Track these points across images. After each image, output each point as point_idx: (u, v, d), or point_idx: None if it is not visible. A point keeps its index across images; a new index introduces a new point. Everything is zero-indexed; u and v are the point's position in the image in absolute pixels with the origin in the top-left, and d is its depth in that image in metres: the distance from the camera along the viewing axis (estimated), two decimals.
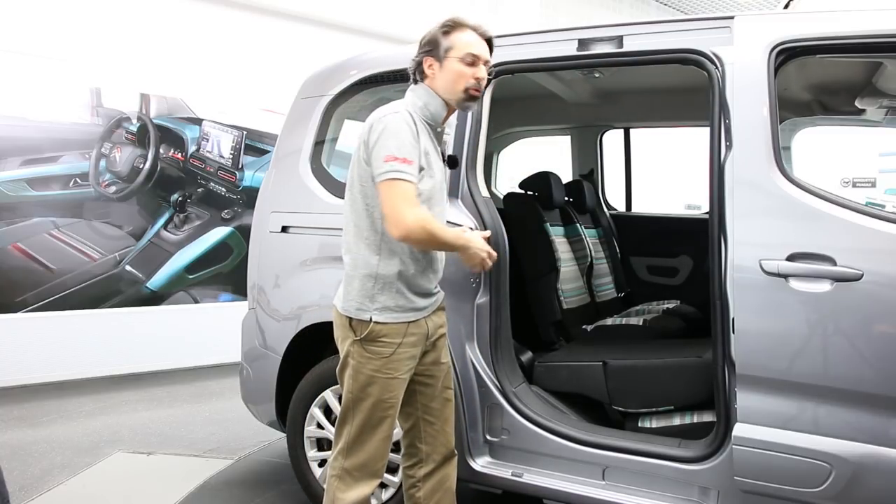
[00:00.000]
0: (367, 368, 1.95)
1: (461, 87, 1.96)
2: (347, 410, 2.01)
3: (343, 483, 2.00)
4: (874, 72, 2.61)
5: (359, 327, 1.95)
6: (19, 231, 4.80)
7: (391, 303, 1.95)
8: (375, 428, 1.98)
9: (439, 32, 1.98)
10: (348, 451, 2.00)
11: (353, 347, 1.97)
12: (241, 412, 3.33)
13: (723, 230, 2.03)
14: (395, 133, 1.87)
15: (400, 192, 1.84)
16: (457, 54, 1.96)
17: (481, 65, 1.98)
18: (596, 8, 9.31)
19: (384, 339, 1.94)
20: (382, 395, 1.96)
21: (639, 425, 2.48)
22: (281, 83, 4.28)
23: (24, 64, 4.81)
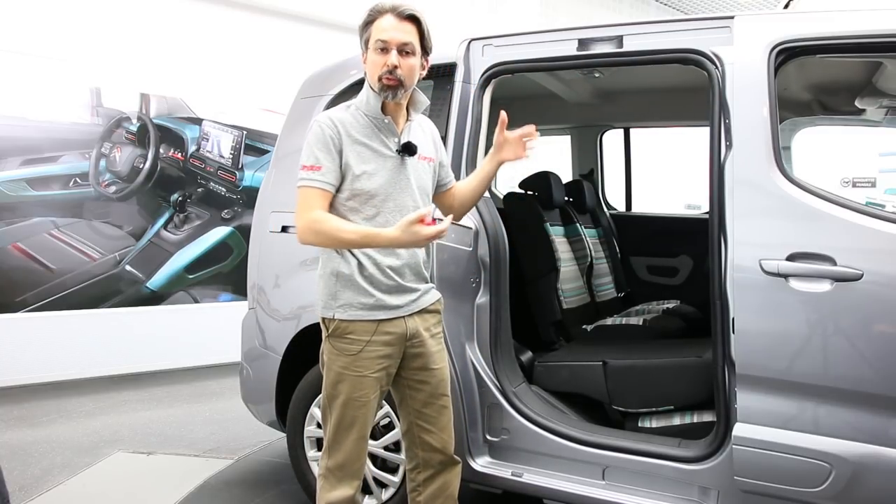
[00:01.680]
0: (336, 365, 1.95)
1: (376, 77, 1.89)
2: (324, 410, 2.02)
3: (327, 483, 2.00)
4: (874, 72, 2.61)
5: (329, 324, 1.97)
6: (19, 231, 4.80)
7: (354, 300, 1.93)
8: (349, 428, 1.96)
9: (361, 25, 1.93)
10: (329, 450, 2.00)
11: (325, 344, 1.99)
12: (241, 412, 3.33)
13: (723, 230, 2.03)
14: (308, 142, 1.90)
15: (301, 199, 1.88)
16: (372, 44, 1.90)
17: (394, 49, 1.86)
18: (596, 8, 9.31)
19: (350, 336, 1.93)
20: (352, 394, 1.94)
21: (639, 425, 2.48)
22: (281, 83, 4.28)
23: (24, 64, 4.81)
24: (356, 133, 1.92)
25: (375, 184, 1.91)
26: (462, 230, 2.39)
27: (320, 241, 1.89)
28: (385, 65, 1.87)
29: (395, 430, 2.49)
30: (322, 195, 1.88)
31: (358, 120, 1.94)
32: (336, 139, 1.89)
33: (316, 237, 1.87)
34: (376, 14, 1.90)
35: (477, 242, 2.38)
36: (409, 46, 1.88)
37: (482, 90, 2.49)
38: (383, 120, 1.95)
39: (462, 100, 2.49)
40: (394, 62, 1.86)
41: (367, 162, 1.91)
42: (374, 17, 1.91)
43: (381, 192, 1.92)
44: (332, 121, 1.92)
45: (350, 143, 1.90)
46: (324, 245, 1.93)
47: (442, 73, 2.55)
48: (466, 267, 2.39)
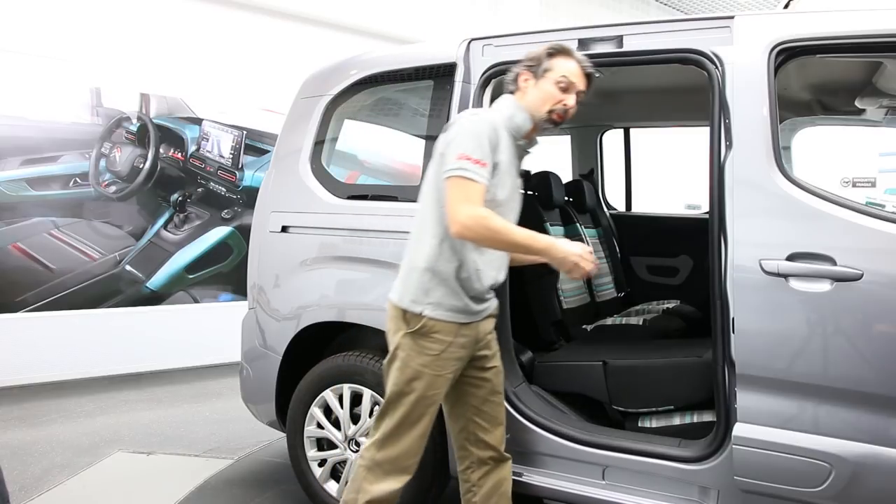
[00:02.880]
0: (416, 363, 1.97)
1: (546, 108, 1.99)
2: (390, 403, 2.01)
3: (372, 474, 2.01)
4: (874, 72, 2.61)
5: (412, 320, 1.97)
6: (19, 231, 4.80)
7: (445, 301, 1.97)
8: (414, 424, 1.99)
9: (544, 53, 2.02)
10: (382, 443, 2.01)
11: (404, 340, 1.98)
12: (241, 412, 3.33)
13: (723, 230, 2.03)
14: (475, 133, 1.90)
15: (463, 189, 1.85)
16: (553, 76, 1.99)
17: (573, 94, 2.01)
18: (596, 8, 9.31)
19: (435, 336, 1.96)
20: (427, 392, 1.98)
21: (639, 425, 2.48)
22: (281, 83, 4.28)
23: (24, 64, 4.81)
24: (504, 144, 1.98)
25: (502, 195, 1.99)
26: None
27: (484, 238, 1.87)
28: (563, 103, 1.99)
29: None
30: (482, 192, 1.88)
31: (504, 132, 2.00)
32: (495, 143, 1.94)
33: (486, 232, 1.85)
34: (564, 53, 2.02)
35: None
36: (581, 95, 2.04)
37: (482, 90, 2.49)
38: (519, 141, 2.05)
39: (462, 100, 2.49)
40: (571, 104, 2.00)
41: (504, 173, 1.98)
42: (560, 54, 2.02)
43: (502, 203, 1.99)
44: (495, 126, 1.96)
45: (501, 151, 1.97)
46: (483, 241, 1.91)
47: (442, 72, 2.56)
48: None
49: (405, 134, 3.15)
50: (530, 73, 2.03)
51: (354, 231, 2.63)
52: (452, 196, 1.86)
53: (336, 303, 2.69)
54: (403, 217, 2.52)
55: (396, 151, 3.18)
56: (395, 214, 2.55)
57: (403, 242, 2.48)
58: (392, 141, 3.20)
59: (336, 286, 2.70)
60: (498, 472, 2.17)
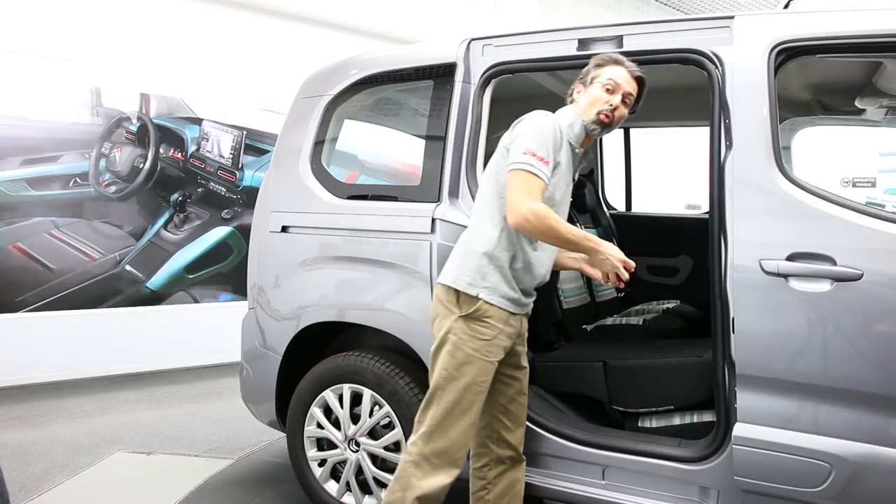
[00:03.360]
0: (468, 346, 1.99)
1: (595, 110, 2.07)
2: (437, 390, 2.01)
3: (420, 470, 1.99)
4: (874, 72, 2.61)
5: (466, 303, 2.00)
6: (19, 231, 4.80)
7: (500, 286, 2.02)
8: (465, 412, 1.99)
9: (593, 65, 2.13)
10: (430, 435, 2.00)
11: (456, 324, 2.00)
12: (241, 412, 3.33)
13: (723, 230, 2.03)
14: (542, 132, 1.99)
15: (526, 183, 1.93)
16: (600, 80, 2.09)
17: (620, 94, 2.07)
18: (596, 8, 9.31)
19: (488, 321, 2.00)
20: (477, 377, 2.00)
21: (639, 425, 2.48)
22: (281, 83, 4.28)
23: (24, 64, 4.81)
24: (565, 148, 2.08)
25: (558, 195, 2.09)
26: (461, 230, 2.39)
27: (542, 231, 1.94)
28: (608, 102, 2.07)
29: (395, 429, 2.49)
30: (543, 189, 1.97)
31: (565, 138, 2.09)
32: (559, 145, 2.04)
33: (542, 226, 1.92)
34: (611, 62, 2.11)
35: None
36: (629, 98, 2.11)
37: (482, 90, 2.49)
38: (576, 149, 2.14)
39: (462, 100, 2.49)
40: (616, 103, 2.07)
41: (562, 175, 2.08)
42: (608, 63, 2.11)
43: (557, 203, 2.09)
44: (560, 129, 2.06)
45: (562, 154, 2.07)
46: (539, 236, 1.98)
47: (442, 73, 2.56)
48: None
49: (405, 134, 3.15)
50: (581, 84, 2.15)
51: (354, 231, 2.63)
52: (515, 188, 1.94)
53: (336, 303, 2.69)
54: (403, 217, 2.52)
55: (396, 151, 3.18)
56: (395, 214, 2.55)
57: (403, 242, 2.50)
58: (392, 141, 3.19)
59: (336, 286, 2.70)
60: (514, 471, 2.20)
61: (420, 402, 2.45)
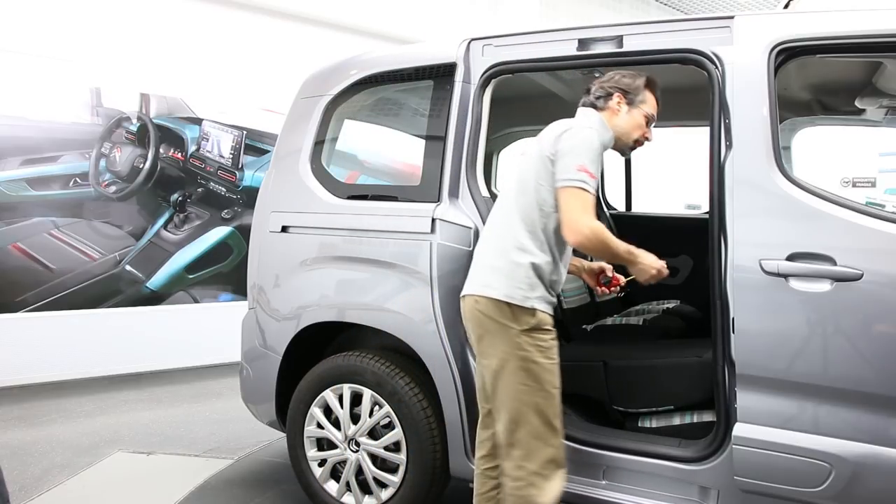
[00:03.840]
0: (538, 357, 2.00)
1: (634, 137, 2.18)
2: (521, 407, 1.99)
3: (537, 488, 1.98)
4: (874, 72, 2.61)
5: (523, 317, 1.99)
6: (19, 231, 4.80)
7: (545, 295, 2.06)
8: (554, 417, 2.02)
9: (643, 82, 2.18)
10: (532, 453, 1.99)
11: (519, 339, 1.99)
12: (241, 412, 3.33)
13: (723, 230, 2.03)
14: (591, 148, 2.02)
15: (583, 201, 1.97)
16: (646, 109, 2.18)
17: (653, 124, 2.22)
18: (596, 8, 9.31)
19: (547, 328, 2.04)
20: (555, 382, 2.03)
21: (639, 425, 2.48)
22: (281, 83, 4.28)
23: (24, 64, 4.81)
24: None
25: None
26: (461, 230, 2.39)
27: (598, 248, 2.02)
28: (646, 135, 2.21)
29: (395, 429, 2.49)
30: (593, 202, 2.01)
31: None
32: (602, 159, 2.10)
33: (600, 244, 2.00)
34: (654, 86, 2.21)
35: (477, 242, 2.37)
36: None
37: (482, 90, 2.49)
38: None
39: (462, 100, 2.49)
40: (651, 137, 2.23)
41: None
42: (654, 88, 2.21)
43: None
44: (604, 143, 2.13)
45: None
46: (594, 252, 2.07)
47: (442, 73, 2.56)
48: (466, 266, 2.38)
49: (405, 134, 3.15)
50: (625, 99, 2.16)
51: (354, 231, 2.63)
52: (573, 206, 1.97)
53: (336, 303, 2.69)
54: (403, 217, 2.52)
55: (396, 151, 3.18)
56: (395, 214, 2.55)
57: (403, 242, 2.50)
58: (392, 141, 3.19)
59: (336, 286, 2.70)
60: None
61: (420, 402, 2.46)
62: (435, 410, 2.46)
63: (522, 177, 2.09)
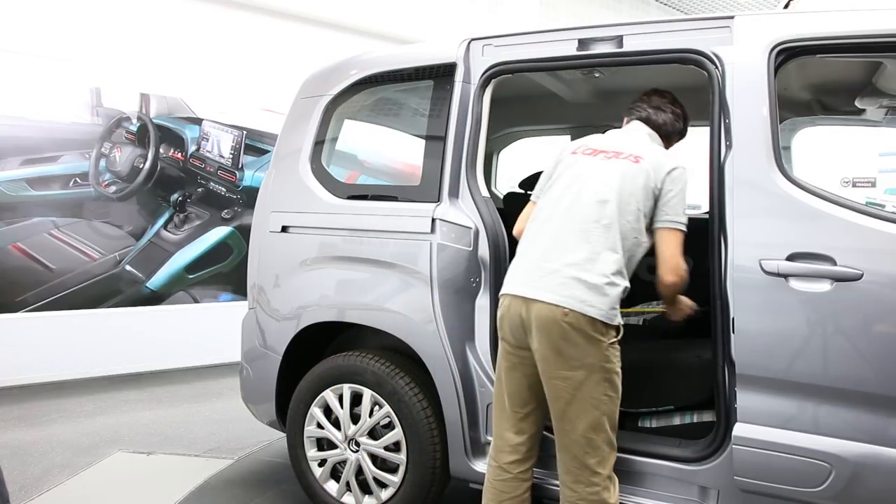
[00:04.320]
0: (618, 367, 2.05)
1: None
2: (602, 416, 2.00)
3: (609, 491, 2.04)
4: (874, 72, 2.61)
5: (610, 331, 2.02)
6: (19, 231, 4.80)
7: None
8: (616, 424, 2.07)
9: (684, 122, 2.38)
10: (606, 458, 2.03)
11: (609, 351, 2.01)
12: (241, 412, 3.33)
13: (723, 230, 2.03)
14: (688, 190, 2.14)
15: (681, 244, 2.09)
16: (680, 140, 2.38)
17: None
18: (596, 8, 9.31)
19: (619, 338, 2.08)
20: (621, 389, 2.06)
21: (639, 425, 2.48)
22: (281, 83, 4.28)
23: (24, 64, 4.81)
24: None
25: None
26: (462, 230, 2.40)
27: (680, 290, 2.17)
28: None
29: (395, 429, 2.49)
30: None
31: None
32: None
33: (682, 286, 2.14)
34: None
35: (477, 242, 2.38)
36: None
37: (482, 90, 2.49)
38: None
39: (462, 100, 2.49)
40: None
41: None
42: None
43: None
44: None
45: None
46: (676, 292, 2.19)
47: (442, 73, 2.56)
48: (467, 267, 2.39)
49: (405, 134, 3.15)
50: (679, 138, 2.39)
51: (354, 231, 2.63)
52: (676, 248, 2.08)
53: (336, 303, 2.69)
54: (403, 217, 2.52)
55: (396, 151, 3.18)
56: (395, 214, 2.55)
57: (403, 242, 2.50)
58: (392, 141, 3.19)
59: (336, 286, 2.70)
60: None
61: (420, 402, 2.46)
62: (435, 410, 2.46)
63: (619, 199, 2.05)
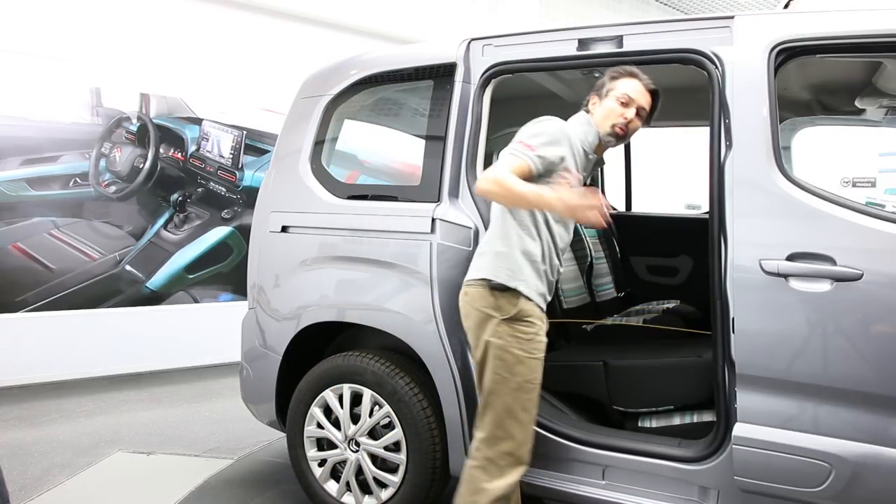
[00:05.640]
0: (515, 348, 2.02)
1: (609, 123, 2.18)
2: (491, 395, 2.05)
3: (487, 473, 2.03)
4: (874, 72, 2.61)
5: (506, 305, 2.01)
6: (19, 231, 4.80)
7: (533, 282, 2.06)
8: (522, 411, 2.04)
9: (608, 77, 2.23)
10: (493, 439, 2.04)
11: (500, 327, 2.02)
12: (241, 412, 3.33)
13: (723, 230, 2.03)
14: (535, 128, 2.10)
15: (503, 162, 2.01)
16: (614, 94, 2.18)
17: (634, 108, 2.18)
18: (596, 8, 9.31)
19: (529, 319, 2.04)
20: (528, 376, 2.03)
21: (639, 425, 2.48)
22: (281, 83, 4.28)
23: (24, 64, 4.81)
24: (576, 152, 2.17)
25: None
26: (461, 230, 2.40)
27: (497, 193, 1.99)
28: (623, 116, 2.17)
29: (395, 429, 2.49)
30: (523, 168, 2.01)
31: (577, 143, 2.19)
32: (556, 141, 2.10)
33: (496, 188, 1.96)
34: (626, 75, 2.20)
35: (477, 242, 2.38)
36: (643, 112, 2.21)
37: (482, 90, 2.49)
38: (589, 156, 2.23)
39: (462, 100, 2.49)
40: (631, 116, 2.18)
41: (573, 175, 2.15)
42: (622, 76, 2.20)
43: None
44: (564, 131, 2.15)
45: (571, 156, 2.14)
46: (496, 197, 2.02)
47: (442, 73, 2.56)
48: (466, 266, 2.39)
49: (405, 134, 3.15)
50: (596, 96, 2.23)
51: (354, 231, 2.63)
52: (494, 166, 2.02)
53: (336, 303, 2.69)
54: (403, 217, 2.52)
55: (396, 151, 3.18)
56: (395, 214, 2.55)
57: (403, 242, 2.50)
58: (392, 141, 3.19)
59: (336, 286, 2.70)
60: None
61: (420, 402, 2.46)
62: (435, 410, 2.46)
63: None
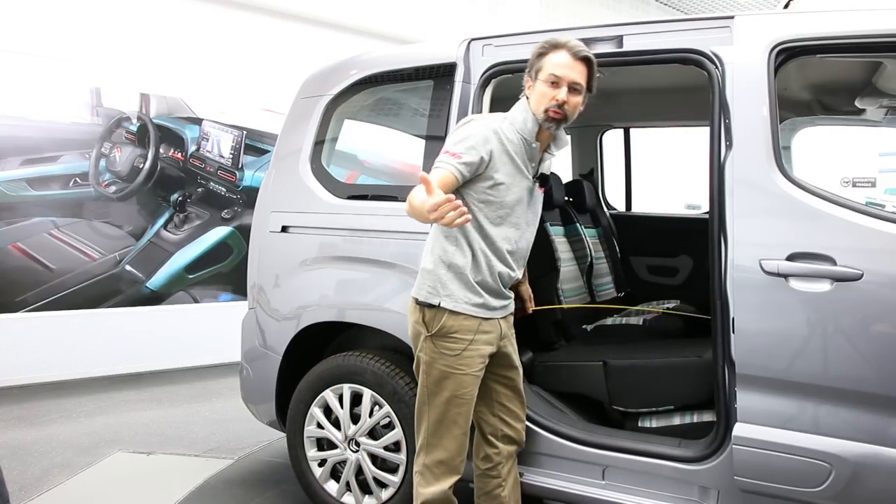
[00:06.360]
0: (440, 364, 2.01)
1: (542, 108, 1.99)
2: (422, 405, 2.08)
3: (423, 479, 2.08)
4: (874, 72, 2.61)
5: (431, 322, 2.01)
6: (19, 231, 4.80)
7: (461, 294, 2.00)
8: (452, 424, 2.04)
9: (535, 54, 2.03)
10: (427, 448, 2.07)
11: (426, 343, 2.03)
12: (241, 412, 3.33)
13: (723, 230, 2.03)
14: (461, 132, 1.99)
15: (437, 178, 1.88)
16: (543, 75, 1.99)
17: (565, 86, 1.96)
18: (596, 8, 9.31)
19: (455, 336, 2.00)
20: (456, 391, 2.02)
21: (639, 425, 2.48)
22: (281, 83, 4.28)
23: (24, 64, 4.81)
24: (509, 146, 2.02)
25: (509, 197, 2.03)
26: None
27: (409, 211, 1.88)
28: (554, 98, 1.96)
29: (395, 429, 2.49)
30: (447, 179, 1.90)
31: (512, 135, 2.04)
32: (484, 140, 1.97)
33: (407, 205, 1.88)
34: (551, 48, 1.99)
35: None
36: (578, 85, 1.98)
37: (482, 90, 2.49)
38: (532, 144, 2.06)
39: (462, 100, 2.49)
40: (563, 98, 1.96)
41: (510, 176, 2.03)
42: (548, 51, 1.99)
43: (509, 205, 2.04)
44: (492, 127, 2.01)
45: (501, 153, 2.01)
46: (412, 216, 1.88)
47: (442, 73, 2.56)
48: None
49: (405, 134, 3.15)
50: (529, 78, 2.06)
51: (354, 231, 2.63)
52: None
53: (336, 303, 2.69)
54: (403, 217, 2.51)
55: (396, 151, 3.18)
56: (395, 214, 2.55)
57: (403, 242, 2.50)
58: (392, 141, 3.19)
59: (336, 286, 2.70)
60: (515, 463, 2.28)
61: None
62: None
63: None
